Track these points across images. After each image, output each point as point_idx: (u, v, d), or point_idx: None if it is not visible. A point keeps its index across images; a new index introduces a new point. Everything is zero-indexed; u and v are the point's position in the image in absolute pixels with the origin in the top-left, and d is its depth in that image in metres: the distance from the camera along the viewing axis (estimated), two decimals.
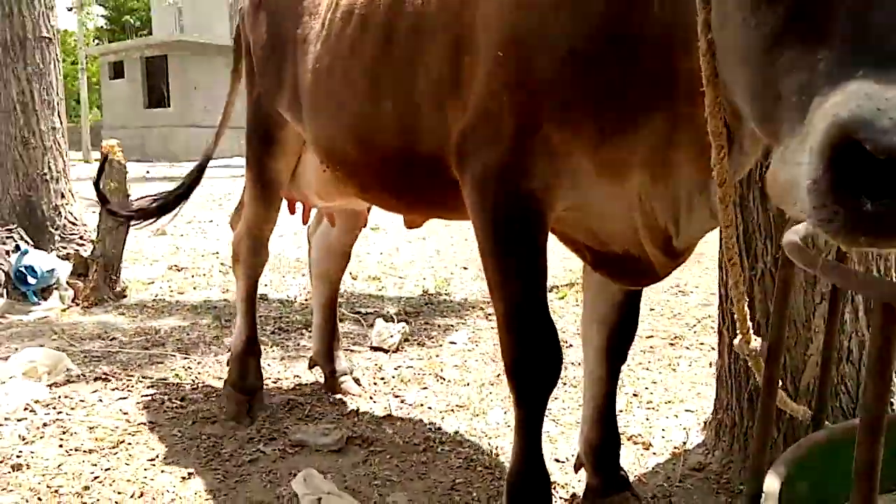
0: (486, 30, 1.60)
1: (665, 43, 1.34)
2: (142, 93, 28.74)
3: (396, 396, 3.03)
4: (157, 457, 2.45)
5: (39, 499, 2.17)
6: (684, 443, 2.51)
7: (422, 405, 2.93)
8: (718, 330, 2.43)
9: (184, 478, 2.30)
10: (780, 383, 1.43)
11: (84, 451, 2.48)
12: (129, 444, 2.55)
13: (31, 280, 4.53)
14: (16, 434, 2.58)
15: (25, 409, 2.79)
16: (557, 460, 2.42)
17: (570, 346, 3.50)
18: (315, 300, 3.25)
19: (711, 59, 1.10)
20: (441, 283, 5.24)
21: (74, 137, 19.81)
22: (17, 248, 4.86)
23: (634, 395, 3.01)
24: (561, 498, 2.19)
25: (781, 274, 1.36)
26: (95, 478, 2.29)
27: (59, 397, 2.95)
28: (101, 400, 2.95)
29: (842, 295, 1.69)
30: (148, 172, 16.45)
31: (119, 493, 2.21)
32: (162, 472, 2.35)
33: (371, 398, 3.01)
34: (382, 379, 3.24)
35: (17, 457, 2.41)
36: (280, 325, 4.10)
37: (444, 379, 3.24)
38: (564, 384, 3.02)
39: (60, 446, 2.51)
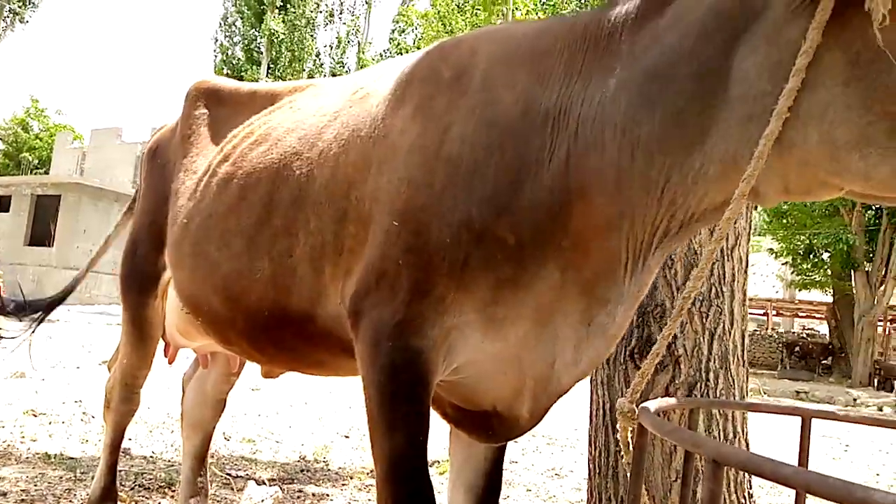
0: (376, 204, 1.73)
1: (557, 200, 1.52)
2: (25, 229, 27.47)
3: None
4: None
5: None
6: None
7: None
8: None
9: None
10: None
11: None
12: None
13: None
14: None
15: None
16: None
17: None
18: (185, 451, 3.10)
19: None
20: (320, 451, 5.08)
21: None
22: None
23: None
24: None
25: (637, 442, 1.52)
26: None
27: None
28: None
29: (692, 468, 1.86)
30: None
31: None
32: None
33: None
34: None
35: None
36: (141, 481, 3.80)
37: None
38: None
39: None
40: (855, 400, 16.25)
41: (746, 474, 2.53)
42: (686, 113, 1.40)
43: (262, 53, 29.16)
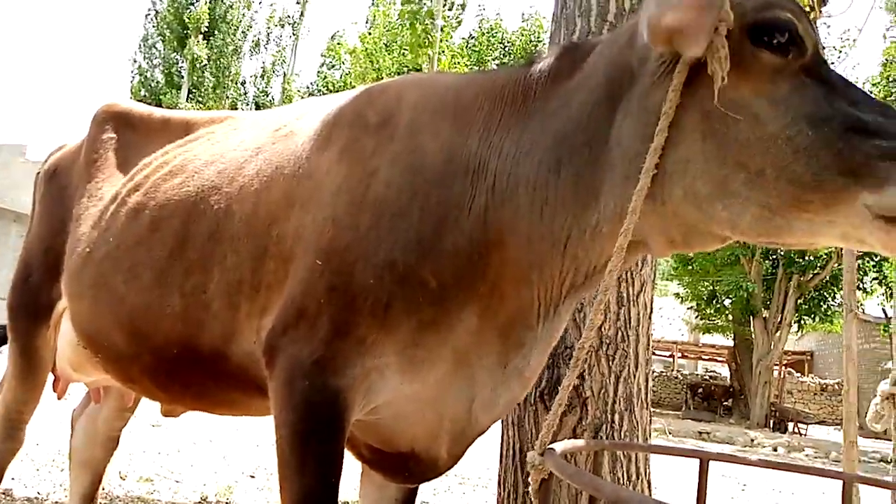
0: (298, 241, 1.72)
1: (476, 247, 1.57)
2: None
3: None
4: None
5: None
6: None
7: None
8: None
9: None
10: None
11: None
12: None
13: None
14: None
15: None
16: None
17: None
18: (73, 491, 2.91)
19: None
20: (223, 491, 4.86)
21: None
22: None
23: None
24: None
25: (543, 485, 1.55)
26: None
27: None
28: None
29: None
30: None
31: None
32: None
33: None
34: None
35: None
36: None
37: None
38: None
39: None
40: (752, 440, 17.06)
41: None
42: (583, 175, 1.50)
43: (182, 77, 28.49)
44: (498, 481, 2.79)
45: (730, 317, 24.44)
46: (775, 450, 16.03)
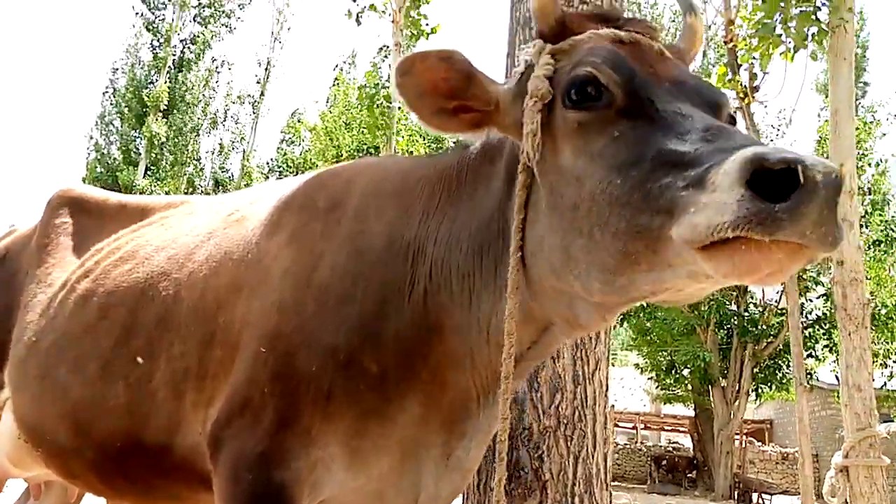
0: (246, 328, 1.71)
1: (418, 331, 1.57)
2: None
3: None
4: None
5: None
6: None
7: None
8: None
9: None
10: None
11: None
12: None
13: None
14: None
15: None
16: None
17: None
18: None
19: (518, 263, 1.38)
20: None
21: None
22: None
23: None
24: None
25: None
26: None
27: None
28: None
29: None
30: None
31: None
32: None
33: None
34: None
35: None
36: None
37: None
38: None
39: None
40: None
41: None
42: (498, 262, 1.53)
43: (140, 155, 28.43)
44: None
45: (689, 386, 24.56)
46: None
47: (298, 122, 31.12)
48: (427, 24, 9.74)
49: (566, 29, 1.41)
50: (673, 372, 24.41)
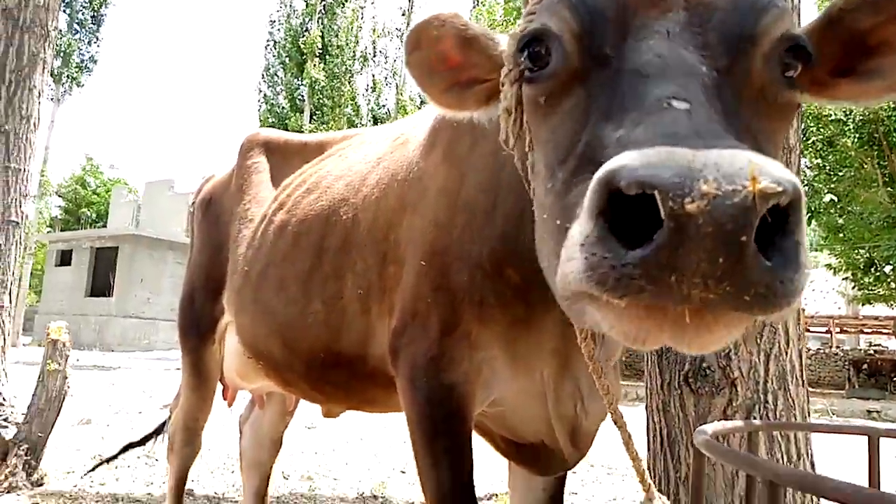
0: (410, 244, 1.82)
1: None
2: (86, 281, 28.59)
3: None
4: None
5: None
6: None
7: None
8: None
9: None
10: None
11: None
12: None
13: None
14: None
15: None
16: None
17: None
18: (246, 490, 3.18)
19: None
20: (377, 487, 5.09)
21: None
22: None
23: None
24: None
25: (694, 465, 1.52)
26: None
27: None
28: None
29: (755, 493, 1.83)
30: (78, 360, 15.87)
31: None
32: None
33: None
34: None
35: None
36: None
37: None
38: None
39: None
40: None
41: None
42: None
43: (304, 101, 29.96)
44: (647, 468, 2.74)
45: (892, 284, 22.26)
46: None
47: None
48: None
49: None
50: (873, 270, 22.21)
